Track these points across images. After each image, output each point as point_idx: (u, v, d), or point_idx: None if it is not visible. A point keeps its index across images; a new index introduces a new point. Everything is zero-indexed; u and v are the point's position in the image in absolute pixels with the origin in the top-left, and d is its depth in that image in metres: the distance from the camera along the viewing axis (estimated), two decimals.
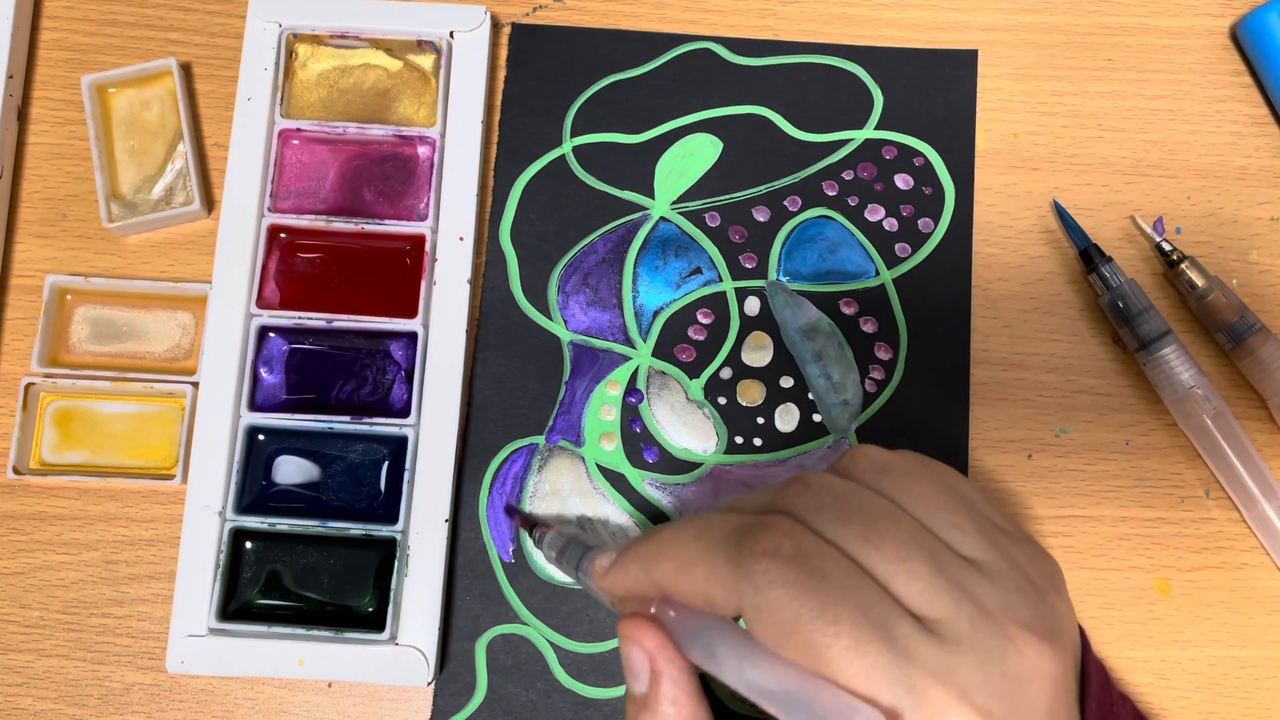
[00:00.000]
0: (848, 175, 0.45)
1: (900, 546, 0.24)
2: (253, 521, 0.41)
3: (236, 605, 0.40)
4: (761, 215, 0.45)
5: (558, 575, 0.41)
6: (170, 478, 0.41)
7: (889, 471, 0.26)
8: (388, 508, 0.41)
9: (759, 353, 0.43)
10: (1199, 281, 0.43)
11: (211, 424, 0.41)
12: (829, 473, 0.27)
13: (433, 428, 0.42)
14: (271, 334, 0.43)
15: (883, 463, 0.27)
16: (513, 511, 0.41)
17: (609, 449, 0.43)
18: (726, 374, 0.43)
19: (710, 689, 0.27)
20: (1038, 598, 0.25)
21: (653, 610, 0.26)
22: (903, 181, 0.45)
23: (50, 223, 0.45)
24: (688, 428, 0.43)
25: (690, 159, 0.45)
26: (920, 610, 0.23)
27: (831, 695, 0.22)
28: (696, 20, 0.47)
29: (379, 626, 0.40)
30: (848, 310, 0.44)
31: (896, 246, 0.44)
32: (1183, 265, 0.43)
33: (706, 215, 0.45)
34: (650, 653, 0.26)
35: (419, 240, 0.43)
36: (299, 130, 0.44)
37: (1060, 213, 0.45)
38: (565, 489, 0.42)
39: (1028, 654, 0.23)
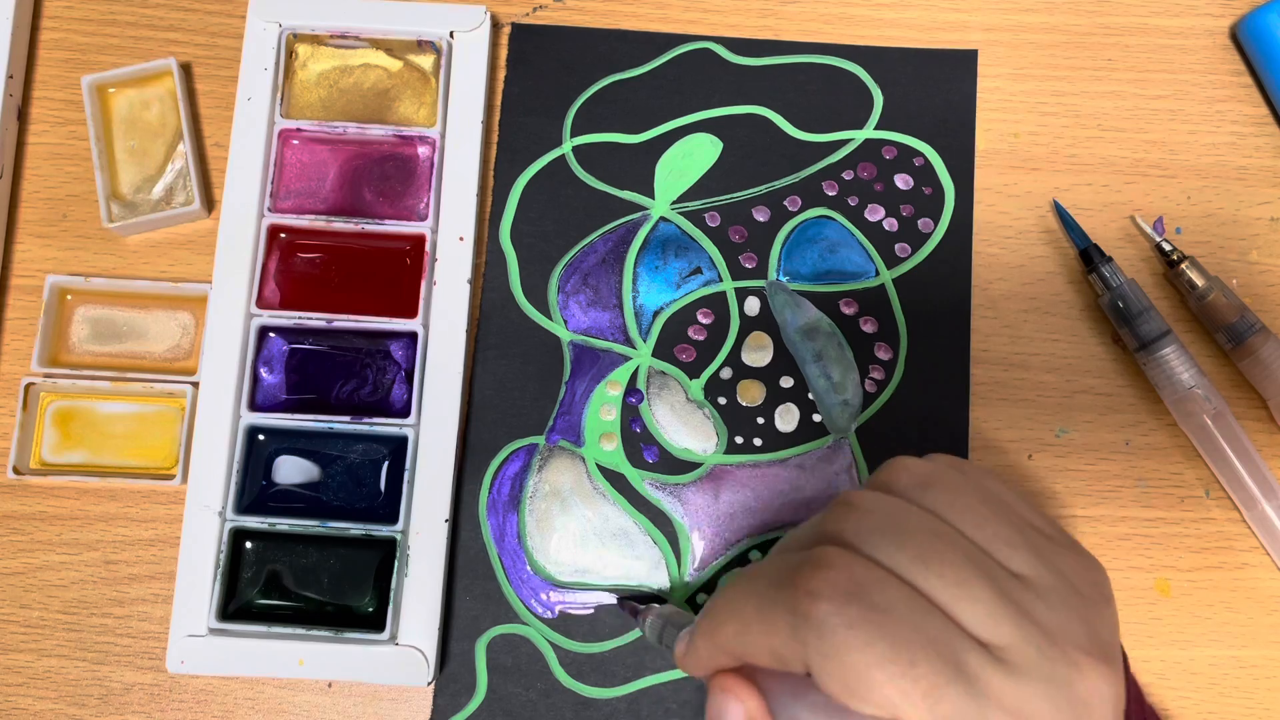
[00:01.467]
0: (848, 175, 0.45)
1: (958, 569, 0.23)
2: (253, 521, 0.41)
3: (236, 605, 0.40)
4: (761, 215, 0.45)
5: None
6: (170, 478, 0.41)
7: (932, 485, 0.25)
8: (388, 508, 0.41)
9: (759, 353, 0.43)
10: (1199, 281, 0.43)
11: (211, 424, 0.41)
12: (871, 490, 0.26)
13: (433, 428, 0.41)
14: (271, 334, 0.43)
15: (925, 476, 0.26)
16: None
17: (609, 449, 0.43)
18: (726, 374, 0.43)
19: None
20: (1092, 615, 0.24)
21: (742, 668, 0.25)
22: (903, 181, 0.45)
23: (50, 223, 0.45)
24: (688, 428, 0.43)
25: (690, 159, 0.45)
26: (984, 636, 0.22)
27: None
28: (696, 20, 0.47)
29: (379, 626, 0.40)
30: (848, 310, 0.44)
31: (896, 246, 0.44)
32: (1183, 265, 0.43)
33: (706, 215, 0.45)
34: (753, 717, 0.25)
35: (419, 240, 0.43)
36: (299, 130, 0.44)
37: (1060, 213, 0.45)
38: (565, 489, 0.42)
39: (1091, 679, 0.23)
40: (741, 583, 0.25)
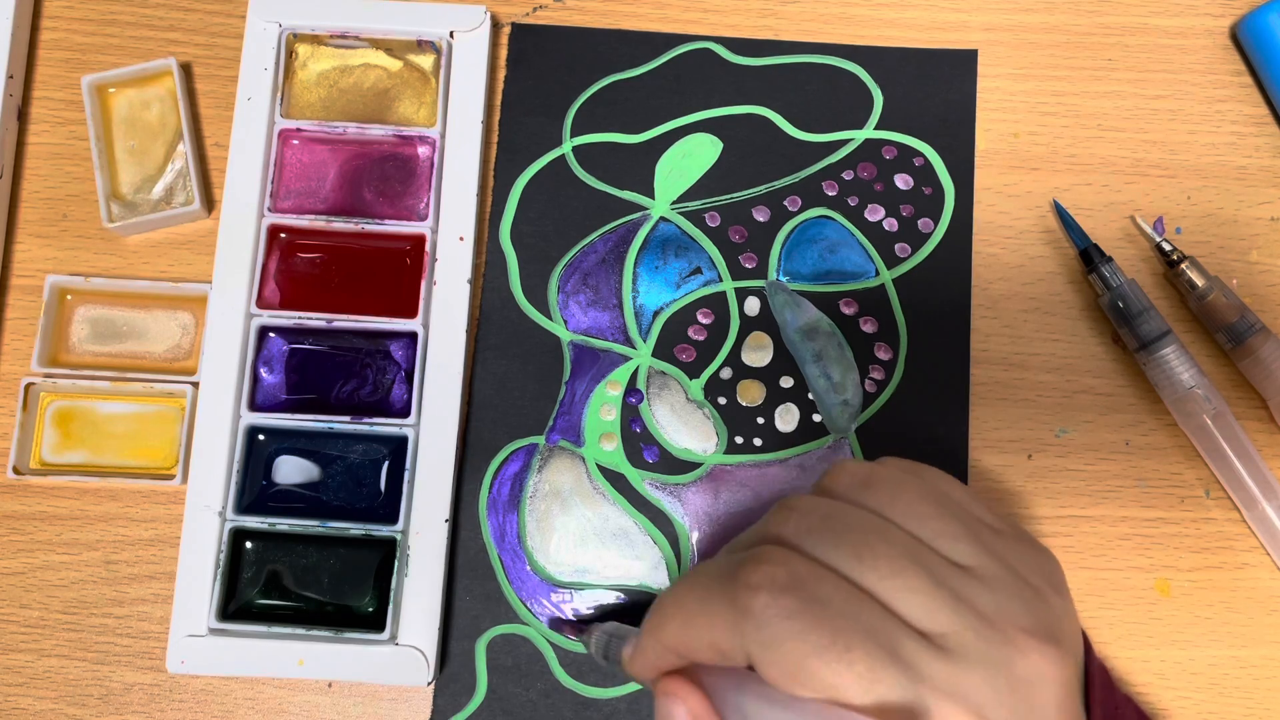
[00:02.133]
0: (848, 175, 0.45)
1: (894, 562, 0.24)
2: (253, 521, 0.41)
3: (236, 605, 0.40)
4: (761, 215, 0.45)
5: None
6: (170, 478, 0.41)
7: (872, 485, 0.26)
8: (388, 508, 0.41)
9: (759, 353, 0.43)
10: (1199, 281, 0.43)
11: (211, 424, 0.41)
12: (813, 494, 0.27)
13: (433, 428, 0.42)
14: (271, 334, 0.43)
15: (864, 476, 0.26)
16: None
17: (609, 449, 0.43)
18: (726, 374, 0.43)
19: None
20: (1035, 599, 0.24)
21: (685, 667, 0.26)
22: (903, 181, 0.45)
23: (50, 223, 0.45)
24: (688, 428, 0.43)
25: (690, 159, 0.45)
26: (922, 625, 0.23)
27: None
28: (696, 20, 0.47)
29: (379, 626, 0.40)
30: (848, 310, 0.44)
31: (896, 246, 0.44)
32: (1183, 265, 0.43)
33: (706, 215, 0.45)
34: (696, 715, 0.25)
35: (419, 240, 0.43)
36: (299, 130, 0.44)
37: (1060, 213, 0.45)
38: (565, 489, 0.42)
39: (1032, 659, 0.23)
40: (685, 581, 0.26)
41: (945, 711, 0.22)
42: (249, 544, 0.41)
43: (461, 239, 0.43)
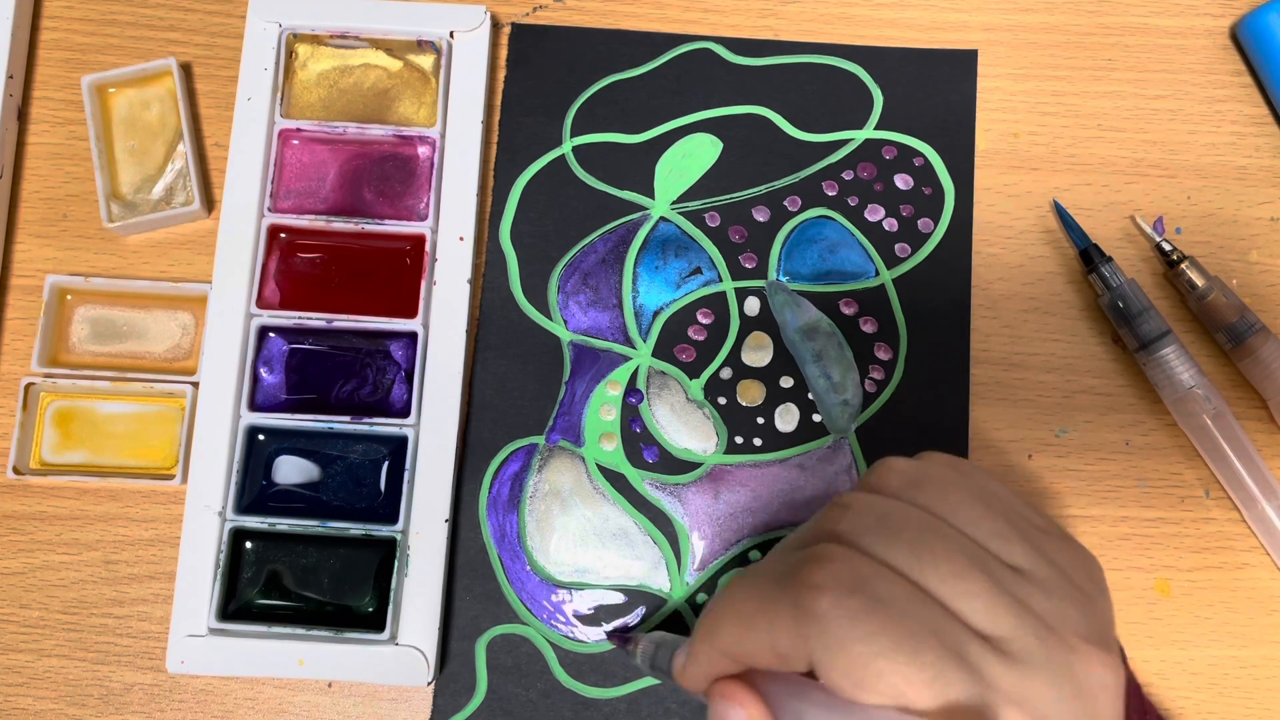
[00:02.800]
0: (847, 175, 0.45)
1: (954, 563, 0.23)
2: (253, 521, 0.41)
3: (236, 605, 0.40)
4: (761, 215, 0.45)
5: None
6: (170, 478, 0.41)
7: (922, 484, 0.25)
8: (388, 508, 0.41)
9: (759, 353, 0.43)
10: (1199, 281, 0.43)
11: (211, 424, 0.41)
12: (861, 491, 0.26)
13: (433, 428, 0.42)
14: (271, 334, 0.43)
15: (914, 475, 0.26)
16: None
17: (609, 449, 0.43)
18: (726, 374, 0.43)
19: None
20: (1088, 604, 0.24)
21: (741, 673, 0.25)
22: (902, 181, 0.45)
23: (50, 223, 0.45)
24: (688, 428, 0.43)
25: (690, 159, 0.45)
26: (984, 628, 0.22)
27: None
28: (696, 20, 0.47)
29: (379, 626, 0.40)
30: (848, 310, 0.44)
31: (896, 246, 0.44)
32: (1183, 265, 0.43)
33: (706, 215, 0.45)
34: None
35: (419, 240, 0.43)
36: (299, 130, 0.44)
37: (1060, 213, 0.45)
38: (565, 489, 0.42)
39: (1094, 667, 0.23)
40: (740, 583, 0.25)
41: (1012, 718, 0.22)
42: (249, 544, 0.41)
43: (461, 239, 0.43)
